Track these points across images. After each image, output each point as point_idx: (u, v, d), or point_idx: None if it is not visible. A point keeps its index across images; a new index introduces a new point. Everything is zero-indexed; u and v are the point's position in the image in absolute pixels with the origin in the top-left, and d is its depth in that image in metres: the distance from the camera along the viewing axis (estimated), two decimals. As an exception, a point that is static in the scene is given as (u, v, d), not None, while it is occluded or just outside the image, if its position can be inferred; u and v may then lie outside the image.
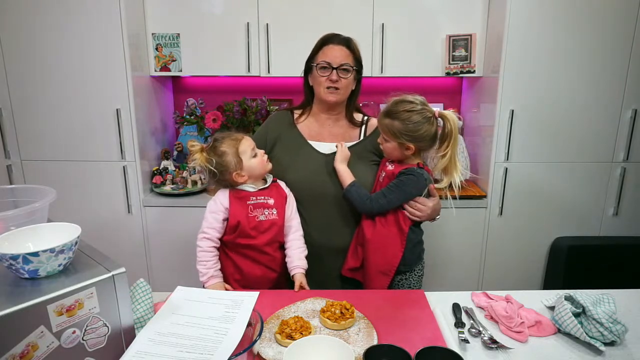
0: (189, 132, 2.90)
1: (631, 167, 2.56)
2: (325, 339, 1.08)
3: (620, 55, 2.40)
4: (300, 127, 1.67)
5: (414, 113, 1.42)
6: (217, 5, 2.54)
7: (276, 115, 1.76)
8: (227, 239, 1.47)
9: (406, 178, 1.45)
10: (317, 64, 1.56)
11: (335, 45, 1.56)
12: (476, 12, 2.56)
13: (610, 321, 1.15)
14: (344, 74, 1.55)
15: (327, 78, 1.55)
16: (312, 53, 1.61)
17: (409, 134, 1.42)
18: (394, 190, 1.46)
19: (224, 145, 1.45)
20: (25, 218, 1.04)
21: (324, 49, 1.57)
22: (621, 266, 2.57)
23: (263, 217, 1.47)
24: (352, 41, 1.59)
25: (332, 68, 1.54)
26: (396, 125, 1.42)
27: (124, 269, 0.93)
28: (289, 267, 1.51)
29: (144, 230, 2.61)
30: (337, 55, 1.54)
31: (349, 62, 1.56)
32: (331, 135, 1.66)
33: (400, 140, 1.44)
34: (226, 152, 1.44)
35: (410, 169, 1.46)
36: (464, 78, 2.90)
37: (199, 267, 1.45)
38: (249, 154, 1.46)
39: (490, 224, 2.62)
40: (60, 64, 2.40)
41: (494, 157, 2.54)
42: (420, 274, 1.58)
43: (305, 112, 1.70)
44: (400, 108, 1.43)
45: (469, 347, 1.16)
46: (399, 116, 1.42)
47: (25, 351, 0.80)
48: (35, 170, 2.54)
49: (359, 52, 1.60)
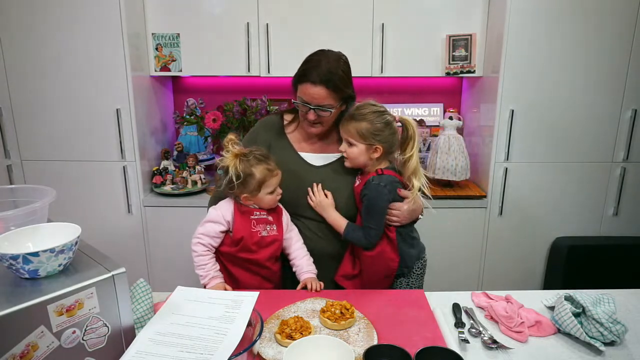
0: (189, 132, 2.91)
1: (631, 167, 2.56)
2: (325, 339, 1.08)
3: (620, 55, 2.40)
4: (289, 136, 1.61)
5: (380, 114, 1.44)
6: (217, 5, 2.54)
7: (265, 121, 1.68)
8: (227, 250, 1.46)
9: (367, 199, 1.44)
10: (297, 99, 1.46)
11: (312, 85, 1.40)
12: (476, 12, 2.56)
13: (610, 321, 1.15)
14: (323, 113, 1.45)
15: (305, 113, 1.47)
16: (295, 77, 1.48)
17: (376, 133, 1.42)
18: (370, 216, 1.45)
19: (256, 168, 1.39)
20: (25, 218, 1.04)
21: (301, 85, 1.43)
22: (621, 266, 2.57)
23: (265, 232, 1.45)
24: (332, 78, 1.40)
25: (309, 107, 1.44)
26: (364, 126, 1.42)
27: (124, 269, 0.93)
28: (298, 274, 1.49)
29: (144, 230, 2.61)
30: (315, 96, 1.41)
31: (329, 103, 1.43)
32: (320, 146, 1.60)
33: (368, 141, 1.43)
34: (253, 176, 1.39)
35: (366, 186, 1.45)
36: (464, 78, 2.91)
37: (199, 272, 1.44)
38: (269, 189, 1.42)
39: (490, 224, 2.62)
40: (60, 64, 2.40)
41: (494, 157, 2.54)
42: (420, 272, 1.57)
43: (296, 120, 1.62)
44: (366, 110, 1.44)
45: (469, 347, 1.16)
46: (366, 117, 1.42)
47: (25, 351, 0.80)
48: (35, 170, 2.55)
49: (343, 86, 1.44)
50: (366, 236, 1.46)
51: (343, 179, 1.55)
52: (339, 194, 1.54)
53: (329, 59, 1.44)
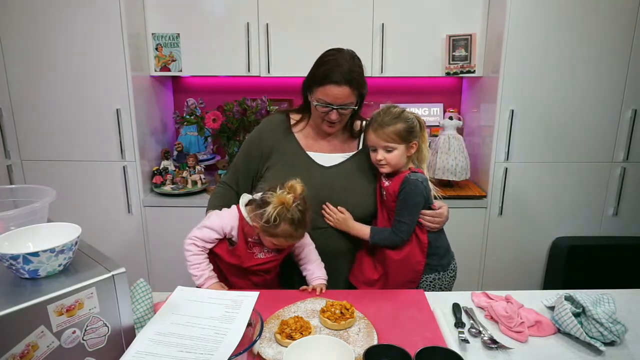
0: (189, 132, 2.91)
1: (631, 167, 2.56)
2: (325, 339, 1.08)
3: (620, 55, 2.40)
4: (297, 135, 1.59)
5: (403, 112, 1.47)
6: (217, 5, 2.54)
7: (270, 120, 1.65)
8: (218, 252, 1.43)
9: (405, 193, 1.44)
10: (316, 101, 1.45)
11: (336, 86, 1.41)
12: (476, 12, 2.56)
13: (610, 321, 1.15)
14: (344, 111, 1.47)
15: (325, 114, 1.47)
16: (312, 81, 1.47)
17: (411, 130, 1.45)
18: (405, 209, 1.45)
19: (282, 225, 1.29)
20: (25, 218, 1.04)
21: (324, 87, 1.42)
22: (621, 266, 2.57)
23: (262, 255, 1.43)
24: (354, 76, 1.42)
25: (332, 108, 1.45)
26: (400, 127, 1.43)
27: (124, 269, 0.93)
28: (308, 279, 1.47)
29: (144, 230, 2.61)
30: (339, 96, 1.42)
31: (351, 101, 1.45)
32: (330, 145, 1.59)
33: (407, 141, 1.45)
34: (276, 226, 1.29)
35: (404, 182, 1.45)
36: (464, 78, 2.90)
37: (192, 271, 1.41)
38: (275, 243, 1.36)
39: (490, 224, 2.62)
40: (60, 64, 2.40)
41: (494, 157, 2.54)
42: (453, 275, 1.57)
43: (304, 120, 1.60)
44: (394, 110, 1.46)
45: (469, 347, 1.16)
46: (399, 118, 1.44)
47: (25, 351, 0.80)
48: (35, 170, 2.55)
49: (362, 83, 1.47)
50: (397, 232, 1.45)
51: (353, 179, 1.55)
52: (350, 194, 1.53)
53: (346, 58, 1.45)
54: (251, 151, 1.60)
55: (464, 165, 2.59)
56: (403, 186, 1.45)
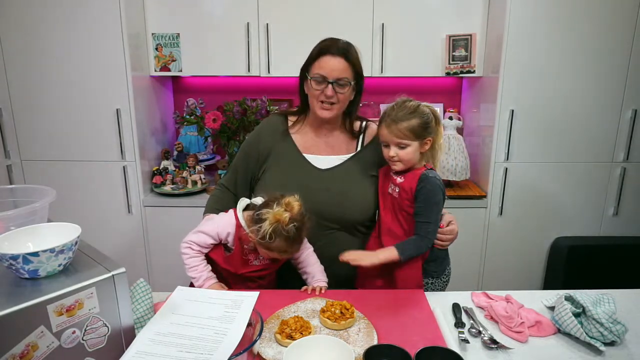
0: (189, 132, 2.91)
1: (631, 167, 2.56)
2: (325, 339, 1.08)
3: (620, 55, 2.40)
4: (294, 137, 1.57)
5: (418, 105, 1.41)
6: (217, 5, 2.54)
7: (269, 122, 1.65)
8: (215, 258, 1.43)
9: (426, 192, 1.39)
10: (312, 76, 1.45)
11: (332, 57, 1.42)
12: (476, 12, 2.56)
13: (610, 321, 1.15)
14: (341, 89, 1.43)
15: (321, 92, 1.44)
16: (307, 61, 1.48)
17: (426, 126, 1.40)
18: (429, 210, 1.40)
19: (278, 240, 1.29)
20: (25, 218, 1.04)
21: (320, 59, 1.44)
22: (621, 266, 2.57)
23: (257, 262, 1.43)
24: (351, 50, 1.45)
25: (327, 82, 1.42)
26: (414, 122, 1.38)
27: (124, 269, 0.93)
28: (309, 283, 1.46)
29: (144, 230, 2.61)
30: (333, 68, 1.42)
31: (347, 76, 1.43)
32: (327, 146, 1.57)
33: (423, 136, 1.39)
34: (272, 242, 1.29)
35: (423, 181, 1.39)
36: (464, 78, 2.90)
37: (191, 274, 1.40)
38: (269, 255, 1.37)
39: (490, 224, 2.62)
40: (60, 64, 2.40)
41: (494, 157, 2.54)
42: (446, 280, 1.57)
43: (300, 120, 1.59)
44: (409, 105, 1.41)
45: (469, 347, 1.16)
46: (414, 113, 1.39)
47: (25, 351, 0.80)
48: (35, 170, 2.55)
49: (359, 62, 1.47)
50: (423, 234, 1.40)
51: (351, 182, 1.53)
52: (347, 198, 1.51)
53: (342, 40, 1.48)
54: (249, 152, 1.60)
55: (464, 165, 2.59)
56: (422, 185, 1.39)
